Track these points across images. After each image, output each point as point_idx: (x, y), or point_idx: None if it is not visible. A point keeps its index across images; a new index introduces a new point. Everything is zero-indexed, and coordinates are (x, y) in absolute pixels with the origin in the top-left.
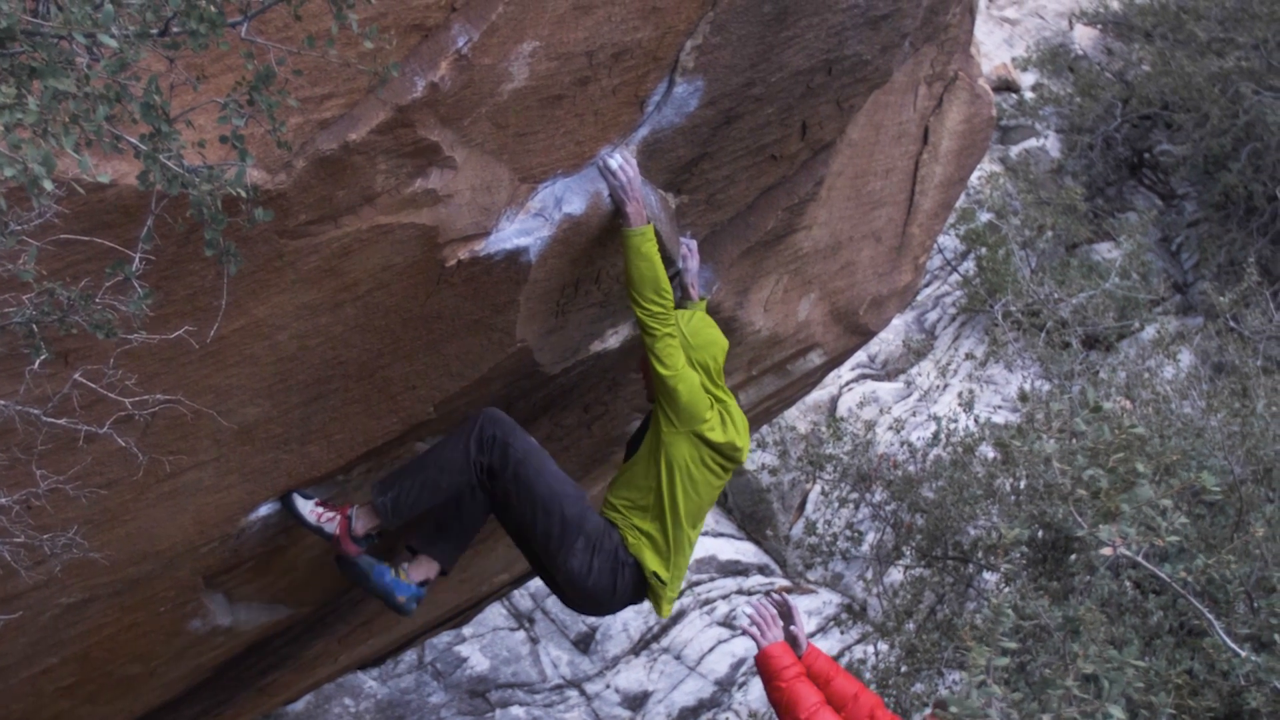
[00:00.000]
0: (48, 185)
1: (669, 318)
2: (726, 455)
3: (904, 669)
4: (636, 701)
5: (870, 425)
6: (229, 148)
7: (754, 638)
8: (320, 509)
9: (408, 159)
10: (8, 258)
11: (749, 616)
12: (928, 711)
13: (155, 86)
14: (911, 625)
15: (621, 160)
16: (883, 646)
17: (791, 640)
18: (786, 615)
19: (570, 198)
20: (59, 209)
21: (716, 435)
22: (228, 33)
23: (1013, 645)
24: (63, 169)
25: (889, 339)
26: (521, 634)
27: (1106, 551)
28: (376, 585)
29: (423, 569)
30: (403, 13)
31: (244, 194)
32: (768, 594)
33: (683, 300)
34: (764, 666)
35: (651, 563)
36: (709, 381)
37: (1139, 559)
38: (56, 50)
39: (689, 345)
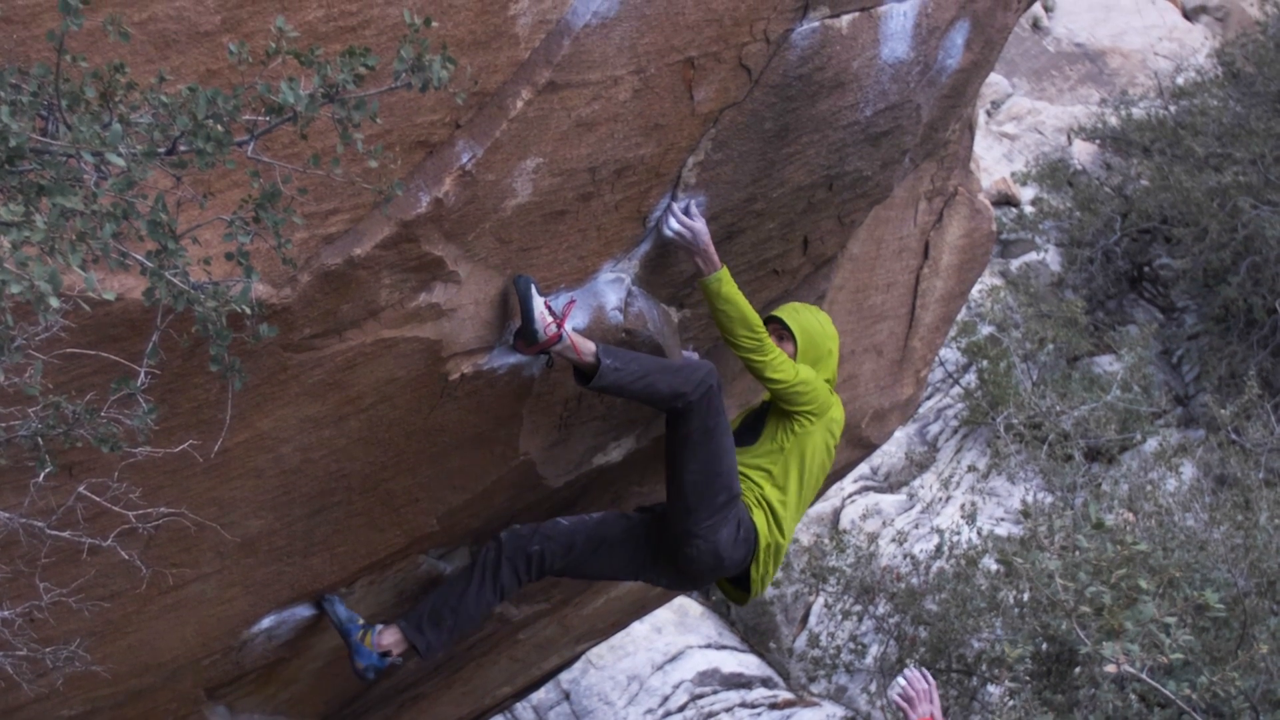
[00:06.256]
0: (54, 303)
1: (765, 345)
2: (835, 434)
3: None
4: None
5: (873, 538)
6: (235, 264)
7: (904, 710)
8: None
9: (412, 273)
10: (13, 371)
11: (900, 689)
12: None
13: (162, 204)
14: None
15: (678, 225)
16: None
17: None
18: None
19: (574, 311)
20: (65, 322)
21: (839, 412)
22: (234, 151)
23: None
24: (69, 285)
25: (891, 451)
26: None
27: (1110, 669)
28: (346, 641)
29: (394, 640)
30: (407, 129)
31: (249, 311)
32: (913, 669)
33: None
34: None
35: (765, 535)
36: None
37: (1142, 675)
38: (65, 168)
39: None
